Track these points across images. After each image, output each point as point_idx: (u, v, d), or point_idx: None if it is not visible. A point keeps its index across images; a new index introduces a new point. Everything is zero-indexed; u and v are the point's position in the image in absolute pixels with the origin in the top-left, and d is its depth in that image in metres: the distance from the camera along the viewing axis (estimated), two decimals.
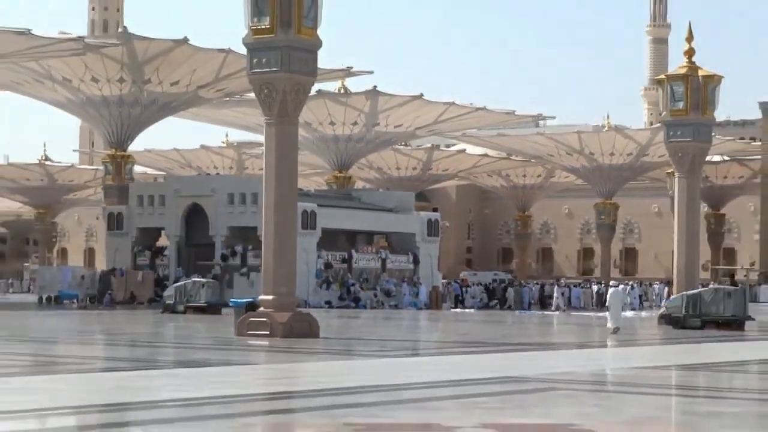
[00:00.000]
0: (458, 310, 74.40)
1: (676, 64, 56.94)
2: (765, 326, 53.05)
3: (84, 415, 18.17)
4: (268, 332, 37.66)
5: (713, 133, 59.90)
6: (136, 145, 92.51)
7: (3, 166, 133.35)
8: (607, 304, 46.61)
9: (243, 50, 41.65)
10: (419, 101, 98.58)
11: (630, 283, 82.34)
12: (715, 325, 48.63)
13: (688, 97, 53.66)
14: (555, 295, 77.62)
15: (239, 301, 45.38)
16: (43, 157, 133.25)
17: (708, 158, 70.63)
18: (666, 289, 63.07)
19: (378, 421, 16.49)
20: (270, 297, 39.19)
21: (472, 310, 73.22)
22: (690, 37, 54.73)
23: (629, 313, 68.56)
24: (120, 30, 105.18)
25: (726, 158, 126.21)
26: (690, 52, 54.14)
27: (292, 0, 38.75)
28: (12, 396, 20.11)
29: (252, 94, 42.62)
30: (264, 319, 38.50)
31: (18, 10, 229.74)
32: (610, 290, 48.31)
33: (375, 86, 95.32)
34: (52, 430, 16.47)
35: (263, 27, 39.08)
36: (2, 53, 77.15)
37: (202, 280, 66.97)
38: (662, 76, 59.21)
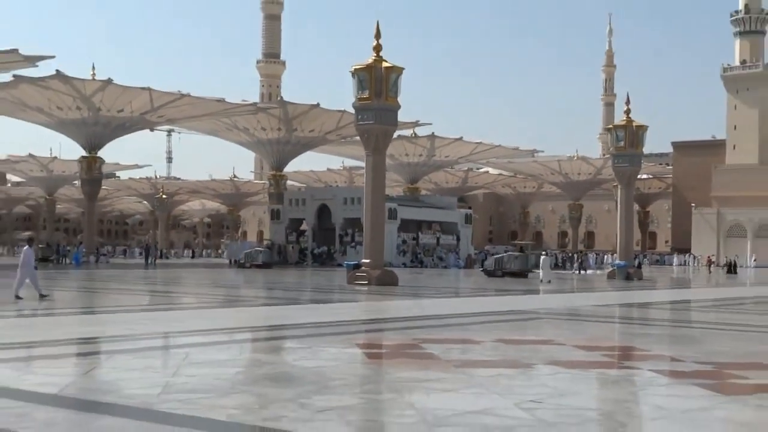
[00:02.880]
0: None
1: (619, 118, 56.28)
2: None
3: (254, 332, 18.29)
4: (366, 282, 37.75)
5: (642, 161, 59.13)
6: (288, 168, 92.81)
7: (208, 181, 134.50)
8: (540, 265, 46.80)
9: (352, 110, 41.68)
10: (460, 141, 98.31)
11: (554, 252, 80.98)
12: (510, 275, 50.69)
13: (627, 139, 53.23)
14: (542, 260, 77.13)
15: (350, 263, 45.30)
16: (233, 175, 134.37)
17: (639, 176, 69.97)
18: (615, 256, 62.62)
19: (433, 337, 16.45)
20: (368, 260, 39.35)
21: None
22: (628, 102, 54.28)
23: (589, 271, 67.97)
24: (278, 98, 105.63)
25: (650, 176, 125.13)
26: (628, 111, 53.65)
27: (382, 81, 38.95)
28: (208, 321, 20.27)
29: (358, 137, 42.62)
30: (364, 274, 38.63)
31: (216, 84, 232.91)
32: (541, 257, 48.75)
33: (433, 132, 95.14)
34: (235, 341, 16.55)
35: (364, 96, 39.23)
36: (207, 112, 77.87)
37: (260, 248, 68.47)
38: (610, 126, 58.81)
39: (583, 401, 10.00)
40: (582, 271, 67.03)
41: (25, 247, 26.17)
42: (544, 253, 53.86)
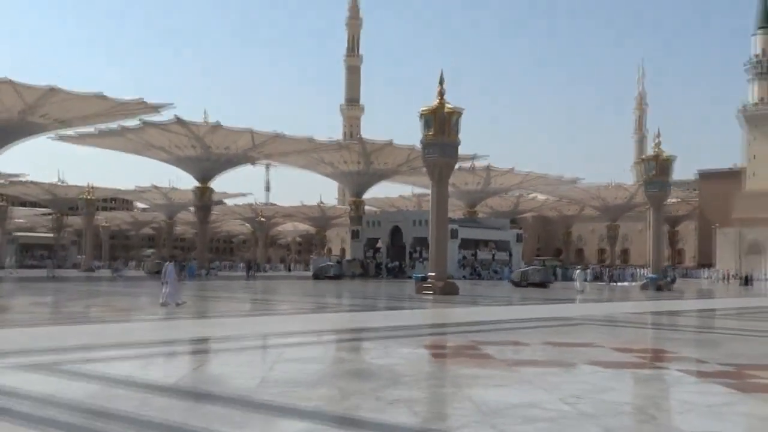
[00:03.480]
0: None
1: (651, 151, 55.21)
2: (563, 287, 52.71)
3: (337, 334, 18.34)
4: (432, 292, 37.55)
5: (671, 187, 57.81)
6: (366, 195, 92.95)
7: (299, 206, 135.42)
8: (575, 278, 46.39)
9: (420, 146, 41.53)
10: (512, 172, 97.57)
11: (592, 266, 79.48)
12: (533, 285, 49.89)
13: (657, 168, 52.28)
14: (576, 273, 73.63)
15: (418, 275, 45.28)
16: (320, 202, 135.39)
17: (668, 200, 68.55)
18: (647, 270, 61.19)
19: (488, 339, 16.32)
20: (433, 273, 39.17)
21: None
22: (658, 136, 53.33)
23: (625, 283, 66.74)
24: (358, 136, 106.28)
25: (678, 200, 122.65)
26: (658, 144, 52.70)
27: (445, 121, 38.96)
28: (299, 325, 20.41)
29: (425, 169, 42.53)
30: (430, 285, 38.46)
31: (307, 125, 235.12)
32: (576, 271, 48.47)
33: (489, 164, 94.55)
34: (321, 341, 16.64)
35: (430, 134, 39.19)
36: (298, 149, 78.73)
37: (331, 263, 68.86)
38: (643, 157, 57.86)
39: (619, 396, 9.82)
40: (612, 283, 66.27)
41: (167, 263, 26.90)
42: (578, 267, 53.57)
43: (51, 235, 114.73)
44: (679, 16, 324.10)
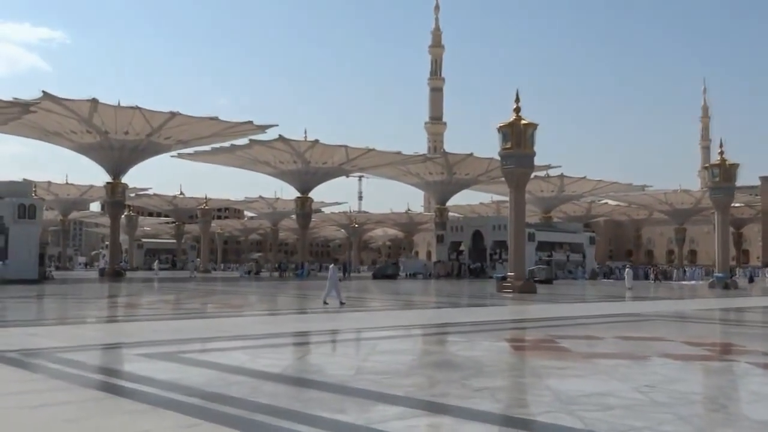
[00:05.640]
0: (605, 280, 71.24)
1: (715, 158, 53.03)
2: (563, 282, 53.56)
3: (425, 328, 18.28)
4: (511, 290, 37.05)
5: (735, 192, 55.39)
6: (450, 202, 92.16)
7: (388, 213, 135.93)
8: (625, 276, 45.12)
9: (498, 158, 41.10)
10: (584, 179, 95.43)
11: (638, 266, 76.80)
12: (539, 282, 48.71)
13: (721, 175, 50.26)
14: (626, 272, 69.60)
15: (498, 275, 44.65)
16: (407, 209, 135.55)
17: (733, 205, 65.87)
18: (714, 270, 58.81)
19: (564, 333, 16.00)
20: (512, 273, 38.66)
21: (611, 280, 70.01)
22: (721, 145, 51.28)
23: (691, 282, 64.47)
24: (442, 150, 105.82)
25: (742, 204, 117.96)
26: (722, 153, 50.65)
27: (521, 135, 38.45)
28: (388, 320, 20.44)
29: (503, 178, 42.03)
30: (509, 284, 37.95)
31: (395, 139, 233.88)
32: (626, 269, 47.92)
33: (562, 173, 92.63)
34: (411, 335, 16.61)
35: (507, 146, 38.71)
36: (388, 162, 79.00)
37: (391, 264, 69.01)
38: (707, 165, 55.67)
39: (690, 387, 9.47)
40: (657, 281, 64.75)
41: (331, 265, 27.07)
42: (627, 266, 52.57)
43: (173, 240, 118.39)
44: (744, 25, 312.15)
